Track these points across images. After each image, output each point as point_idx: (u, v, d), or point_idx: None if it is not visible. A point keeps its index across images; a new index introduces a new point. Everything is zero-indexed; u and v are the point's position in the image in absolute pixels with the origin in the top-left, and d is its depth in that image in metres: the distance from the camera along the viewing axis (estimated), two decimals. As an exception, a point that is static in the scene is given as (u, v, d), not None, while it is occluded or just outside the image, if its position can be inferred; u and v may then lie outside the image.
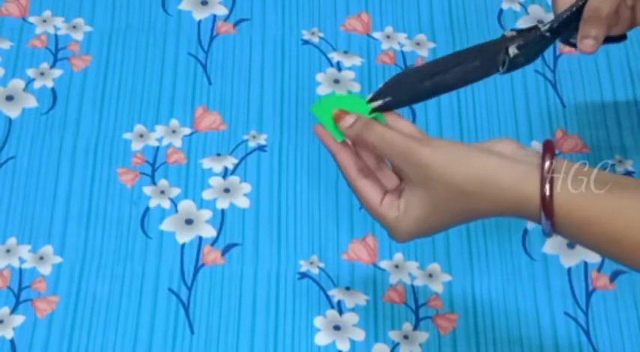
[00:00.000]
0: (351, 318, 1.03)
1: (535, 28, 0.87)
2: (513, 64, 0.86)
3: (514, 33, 0.86)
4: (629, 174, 1.12)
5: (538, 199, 0.74)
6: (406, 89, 0.83)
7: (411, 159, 0.77)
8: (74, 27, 1.23)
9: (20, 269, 1.05)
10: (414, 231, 0.80)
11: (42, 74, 1.19)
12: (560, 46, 1.21)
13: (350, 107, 0.82)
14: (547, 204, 0.74)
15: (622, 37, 0.96)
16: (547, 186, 0.74)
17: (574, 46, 0.92)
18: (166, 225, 1.08)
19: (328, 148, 0.83)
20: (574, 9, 0.90)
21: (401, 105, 0.83)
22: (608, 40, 0.93)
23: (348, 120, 0.81)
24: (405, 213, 0.79)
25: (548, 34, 0.87)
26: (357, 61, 1.21)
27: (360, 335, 1.02)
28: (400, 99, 0.83)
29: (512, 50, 0.85)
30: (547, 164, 0.75)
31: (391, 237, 0.82)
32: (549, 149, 0.76)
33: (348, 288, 1.05)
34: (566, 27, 0.90)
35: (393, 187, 0.82)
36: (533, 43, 0.86)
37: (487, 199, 0.76)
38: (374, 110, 0.82)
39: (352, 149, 0.82)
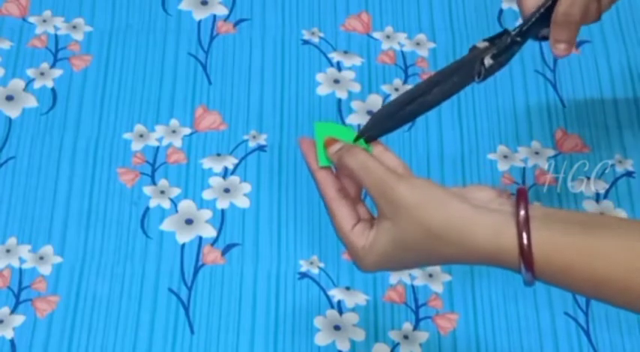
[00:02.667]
0: (351, 318, 1.03)
1: (505, 33, 0.87)
2: (488, 73, 0.86)
3: (486, 43, 0.86)
4: (629, 174, 1.12)
5: (516, 251, 0.72)
6: (390, 117, 0.82)
7: (386, 192, 0.76)
8: (74, 27, 1.23)
9: (20, 269, 1.05)
10: (378, 264, 0.79)
11: (42, 74, 1.18)
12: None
13: (345, 138, 0.81)
14: (526, 254, 0.72)
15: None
16: (524, 237, 0.72)
17: (545, 38, 0.92)
18: (166, 225, 1.08)
19: (308, 165, 0.81)
20: (542, 10, 0.90)
21: (387, 132, 0.82)
22: None
23: (336, 146, 0.80)
24: (371, 244, 0.78)
25: (518, 38, 0.87)
26: (357, 61, 1.21)
27: (360, 335, 1.02)
28: (386, 128, 0.82)
29: (488, 61, 0.85)
30: (522, 213, 0.72)
31: (356, 265, 0.80)
32: (523, 196, 0.74)
33: (348, 288, 1.05)
34: (536, 28, 0.90)
35: (367, 217, 0.81)
36: (506, 49, 0.86)
37: (460, 247, 0.74)
38: (360, 138, 0.82)
39: (333, 171, 0.81)
